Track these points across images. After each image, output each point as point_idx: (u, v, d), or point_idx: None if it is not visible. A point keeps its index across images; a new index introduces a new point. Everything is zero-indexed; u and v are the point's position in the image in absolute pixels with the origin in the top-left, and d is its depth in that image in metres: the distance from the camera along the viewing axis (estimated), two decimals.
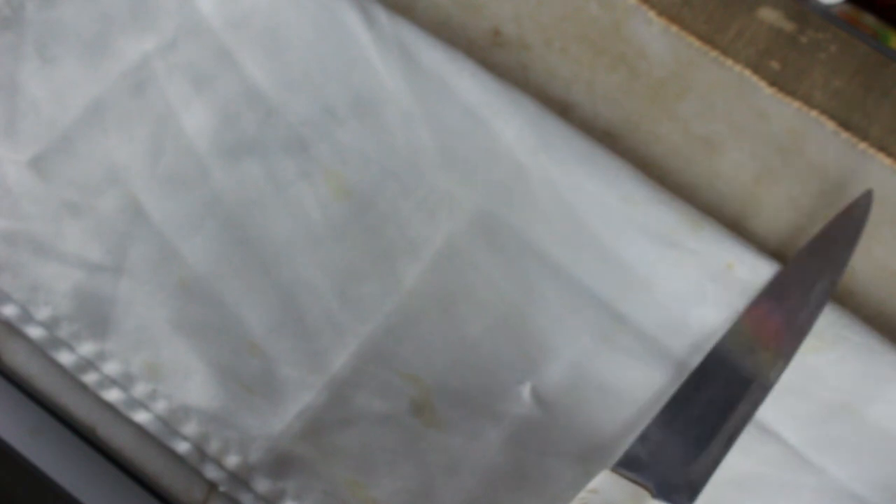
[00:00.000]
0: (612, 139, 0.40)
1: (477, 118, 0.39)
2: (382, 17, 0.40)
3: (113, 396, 0.37)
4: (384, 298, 0.38)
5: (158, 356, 0.37)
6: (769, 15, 0.41)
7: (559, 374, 0.37)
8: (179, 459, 0.37)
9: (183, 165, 0.39)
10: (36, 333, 0.38)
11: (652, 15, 0.41)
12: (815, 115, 0.40)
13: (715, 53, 0.41)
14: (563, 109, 0.40)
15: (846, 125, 0.40)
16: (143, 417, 0.37)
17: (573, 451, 0.36)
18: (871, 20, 0.43)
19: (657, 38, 0.41)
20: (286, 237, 0.38)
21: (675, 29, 0.41)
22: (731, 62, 0.40)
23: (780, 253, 0.38)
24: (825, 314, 0.36)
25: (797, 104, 0.40)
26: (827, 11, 0.41)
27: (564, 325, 0.37)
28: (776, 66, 0.40)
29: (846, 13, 0.42)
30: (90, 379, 0.37)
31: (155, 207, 0.39)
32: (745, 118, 0.39)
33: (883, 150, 0.39)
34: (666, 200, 0.38)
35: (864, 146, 0.39)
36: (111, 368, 0.37)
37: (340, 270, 0.38)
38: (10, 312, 0.38)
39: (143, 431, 0.37)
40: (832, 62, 0.40)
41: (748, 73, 0.40)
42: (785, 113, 0.39)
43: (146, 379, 0.37)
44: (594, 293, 0.37)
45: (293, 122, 0.39)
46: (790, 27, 0.41)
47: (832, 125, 0.40)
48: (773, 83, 0.40)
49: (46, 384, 0.38)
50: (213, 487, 0.37)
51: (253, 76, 0.40)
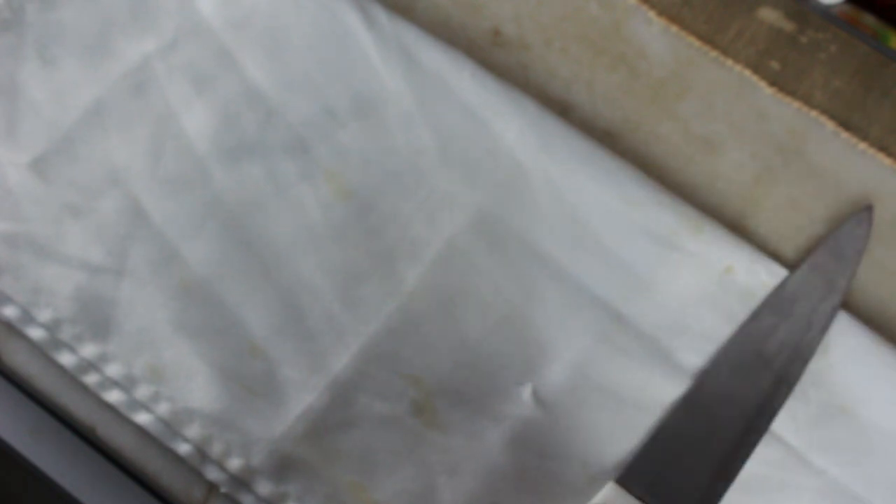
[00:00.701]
0: (612, 139, 0.40)
1: (477, 119, 0.39)
2: (382, 17, 0.40)
3: (114, 398, 0.37)
4: (385, 299, 0.38)
5: (160, 358, 0.37)
6: (769, 15, 0.41)
7: (560, 375, 0.37)
8: (179, 460, 0.37)
9: (183, 166, 0.39)
10: (37, 335, 0.38)
11: (652, 15, 0.41)
12: (815, 115, 0.40)
13: (715, 53, 0.41)
14: (563, 109, 0.40)
15: (846, 125, 0.40)
16: (144, 419, 0.37)
17: (574, 452, 0.36)
18: (871, 20, 0.43)
19: (657, 38, 0.41)
20: (287, 238, 0.38)
21: (675, 29, 0.41)
22: (731, 62, 0.40)
23: (779, 253, 0.38)
24: None
25: (797, 104, 0.40)
26: (827, 11, 0.41)
27: (565, 326, 0.37)
28: (776, 66, 0.40)
29: (846, 13, 0.42)
30: (92, 380, 0.37)
31: (156, 209, 0.39)
32: (745, 118, 0.39)
33: (883, 150, 0.39)
34: (666, 201, 0.38)
35: (864, 146, 0.39)
36: (113, 370, 0.37)
37: (341, 271, 0.38)
38: (11, 314, 0.38)
39: (143, 431, 0.37)
40: (832, 62, 0.40)
41: (748, 73, 0.40)
42: (785, 113, 0.39)
43: (148, 381, 0.37)
44: (595, 294, 0.37)
45: (293, 122, 0.39)
46: (790, 27, 0.41)
47: (832, 125, 0.40)
48: (773, 83, 0.40)
49: (47, 384, 0.38)
50: (212, 487, 0.37)
51: (253, 77, 0.40)
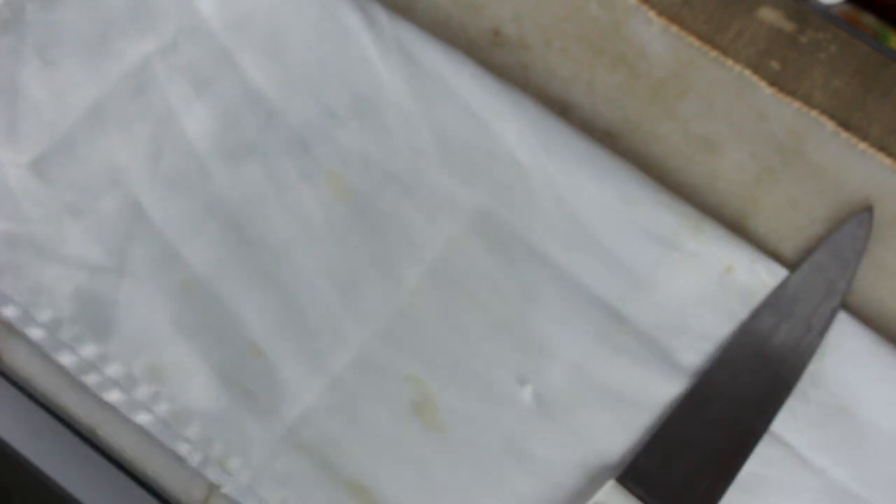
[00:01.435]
0: (612, 139, 0.40)
1: (477, 119, 0.39)
2: (383, 18, 0.40)
3: (114, 398, 0.37)
4: (385, 300, 0.38)
5: (160, 358, 0.37)
6: (769, 15, 0.41)
7: (560, 375, 0.37)
8: (179, 460, 0.37)
9: (184, 167, 0.39)
10: (37, 335, 0.38)
11: (652, 15, 0.41)
12: (815, 115, 0.40)
13: (715, 53, 0.41)
14: (563, 109, 0.40)
15: (846, 125, 0.40)
16: (144, 419, 0.37)
17: (574, 451, 0.36)
18: (871, 20, 0.43)
19: (657, 38, 0.41)
20: (287, 239, 0.38)
21: (675, 29, 0.41)
22: (731, 62, 0.40)
23: (779, 253, 0.38)
24: None
25: (797, 104, 0.40)
26: (827, 11, 0.41)
27: (565, 326, 0.37)
28: (776, 66, 0.40)
29: (846, 13, 0.42)
30: (92, 380, 0.37)
31: (156, 209, 0.39)
32: (745, 118, 0.39)
33: (883, 150, 0.39)
34: (666, 201, 0.38)
35: (864, 146, 0.39)
36: (113, 370, 0.37)
37: (341, 272, 0.38)
38: (11, 314, 0.38)
39: (143, 431, 0.37)
40: (832, 62, 0.40)
41: (748, 73, 0.40)
42: (785, 113, 0.39)
43: (148, 381, 0.37)
44: (595, 294, 0.37)
45: (294, 123, 0.39)
46: (790, 27, 0.41)
47: (832, 125, 0.40)
48: (773, 83, 0.40)
49: (47, 384, 0.38)
50: (213, 487, 0.37)
51: (253, 77, 0.40)
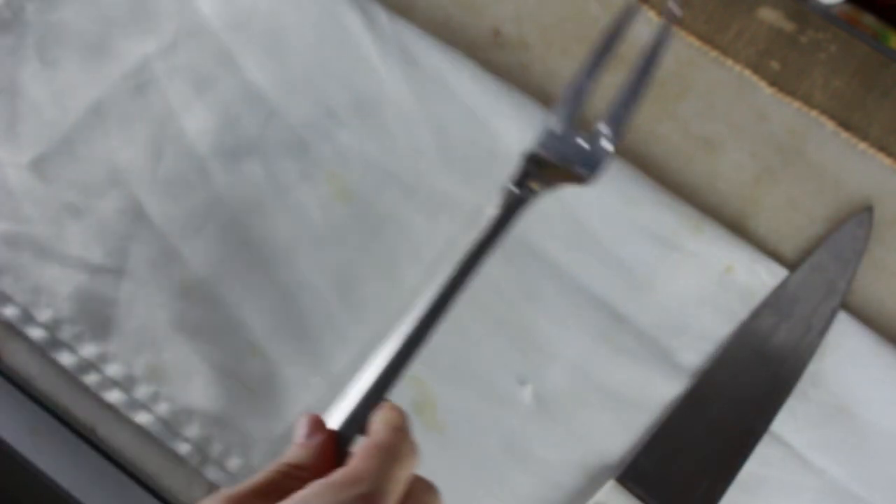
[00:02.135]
0: None
1: (477, 119, 0.39)
2: (383, 18, 0.40)
3: (114, 398, 0.37)
4: (385, 300, 0.38)
5: (160, 358, 0.37)
6: (769, 15, 0.41)
7: (560, 375, 0.37)
8: (179, 459, 0.37)
9: (184, 167, 0.39)
10: (37, 335, 0.38)
11: (652, 15, 0.41)
12: (815, 115, 0.40)
13: (715, 53, 0.41)
14: None
15: (846, 125, 0.40)
16: (144, 419, 0.37)
17: (574, 451, 0.36)
18: (871, 20, 0.43)
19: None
20: (287, 238, 0.38)
21: (674, 29, 0.41)
22: (731, 62, 0.40)
23: (779, 253, 0.38)
24: None
25: (797, 104, 0.40)
26: (827, 11, 0.41)
27: (565, 325, 0.37)
28: (776, 66, 0.40)
29: (846, 13, 0.42)
30: (92, 380, 0.37)
31: (156, 209, 0.39)
32: (745, 118, 0.39)
33: (883, 150, 0.39)
34: (666, 202, 0.38)
35: (864, 146, 0.39)
36: (113, 370, 0.37)
37: (341, 272, 0.38)
38: (11, 314, 0.38)
39: (143, 431, 0.37)
40: (832, 62, 0.40)
41: (748, 73, 0.40)
42: (785, 113, 0.39)
43: (148, 381, 0.37)
44: (595, 294, 0.37)
45: (294, 123, 0.39)
46: (790, 27, 0.41)
47: (832, 125, 0.40)
48: (773, 83, 0.40)
49: (47, 384, 0.38)
50: (213, 487, 0.37)
51: (253, 77, 0.40)
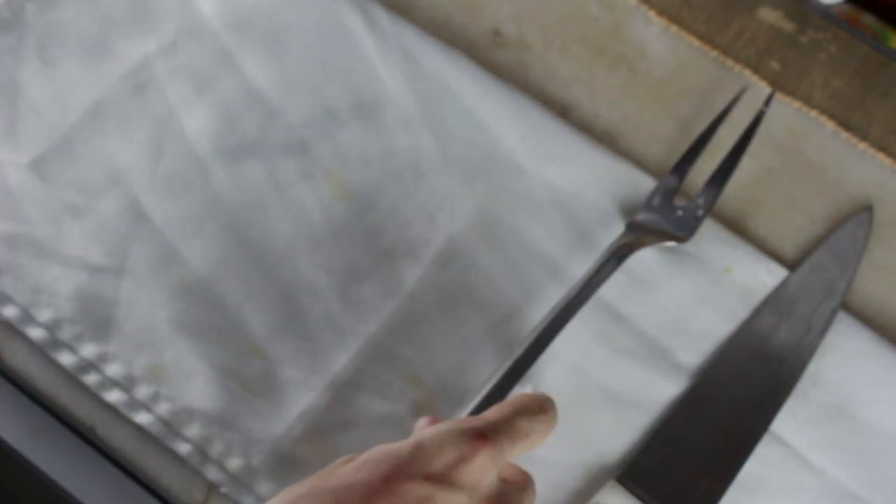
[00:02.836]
0: (612, 139, 0.40)
1: (477, 120, 0.39)
2: (383, 19, 0.40)
3: (114, 398, 0.37)
4: (385, 299, 0.38)
5: (160, 358, 0.37)
6: (769, 15, 0.41)
7: (560, 375, 0.37)
8: (179, 460, 0.37)
9: (184, 167, 0.39)
10: (37, 335, 0.38)
11: (652, 15, 0.41)
12: (815, 115, 0.40)
13: (715, 53, 0.41)
14: (563, 109, 0.40)
15: (846, 125, 0.40)
16: (144, 419, 0.37)
17: (574, 451, 0.36)
18: (871, 20, 0.43)
19: (657, 38, 0.41)
20: (287, 238, 0.38)
21: (675, 29, 0.41)
22: (731, 62, 0.40)
23: (779, 253, 0.38)
24: None
25: (797, 104, 0.40)
26: (827, 11, 0.41)
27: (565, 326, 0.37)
28: (776, 66, 0.40)
29: (846, 13, 0.42)
30: (92, 380, 0.37)
31: (156, 209, 0.39)
32: (745, 118, 0.39)
33: (883, 150, 0.39)
34: None
35: (864, 146, 0.39)
36: (113, 370, 0.37)
37: (341, 272, 0.38)
38: (11, 314, 0.38)
39: (143, 431, 0.37)
40: (832, 62, 0.40)
41: (748, 73, 0.40)
42: (785, 113, 0.39)
43: (148, 381, 0.37)
44: (595, 294, 0.37)
45: (294, 123, 0.39)
46: (790, 27, 0.41)
47: (832, 125, 0.40)
48: (773, 83, 0.40)
49: (47, 384, 0.38)
50: (212, 487, 0.37)
51: (254, 77, 0.40)
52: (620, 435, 0.36)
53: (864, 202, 0.39)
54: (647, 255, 0.37)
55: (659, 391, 0.37)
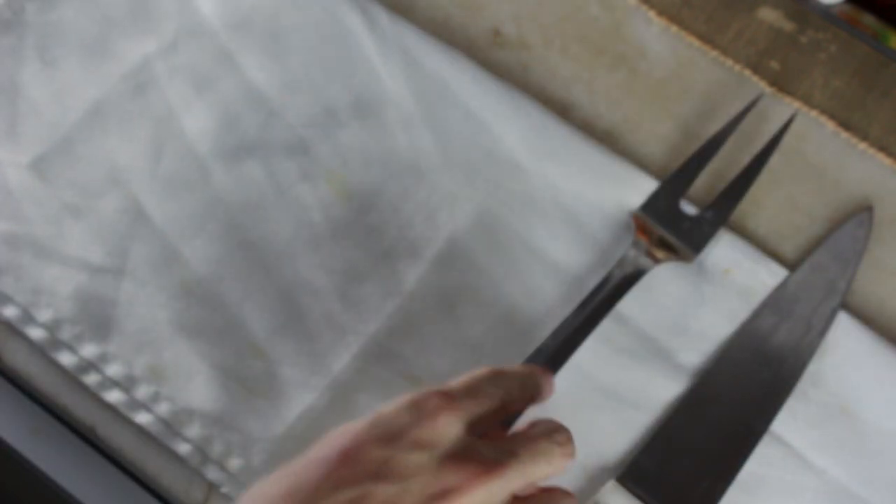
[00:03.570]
0: (612, 139, 0.40)
1: (477, 120, 0.39)
2: (384, 19, 0.40)
3: (114, 398, 0.37)
4: (385, 299, 0.38)
5: (161, 358, 0.37)
6: (769, 15, 0.41)
7: (561, 375, 0.36)
8: (179, 460, 0.37)
9: (184, 167, 0.39)
10: (37, 335, 0.38)
11: (652, 15, 0.41)
12: (815, 115, 0.40)
13: (715, 53, 0.41)
14: (563, 109, 0.40)
15: (846, 125, 0.40)
16: (145, 419, 0.37)
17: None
18: (871, 20, 0.43)
19: (657, 38, 0.41)
20: (287, 238, 0.38)
21: (675, 29, 0.41)
22: (731, 62, 0.40)
23: (779, 253, 0.38)
24: None
25: (797, 104, 0.40)
26: (827, 11, 0.41)
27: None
28: (776, 66, 0.40)
29: (846, 13, 0.42)
30: (92, 380, 0.37)
31: (156, 209, 0.39)
32: (745, 118, 0.39)
33: (883, 150, 0.39)
34: None
35: (864, 146, 0.39)
36: (113, 370, 0.37)
37: (342, 272, 0.38)
38: (11, 314, 0.38)
39: (143, 431, 0.37)
40: (832, 62, 0.40)
41: (748, 73, 0.40)
42: (785, 113, 0.40)
43: (148, 381, 0.37)
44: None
45: (294, 123, 0.39)
46: (790, 27, 0.41)
47: (832, 125, 0.40)
48: (773, 83, 0.40)
49: (47, 384, 0.38)
50: (213, 487, 0.37)
51: (254, 77, 0.40)
52: (620, 435, 0.36)
53: (864, 202, 0.39)
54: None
55: (659, 391, 0.37)
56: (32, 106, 0.40)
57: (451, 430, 0.28)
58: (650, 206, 0.37)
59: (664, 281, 0.37)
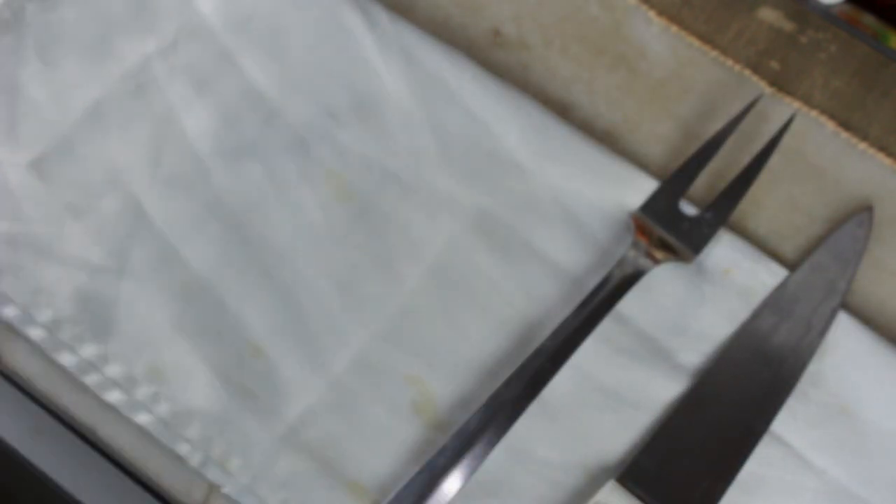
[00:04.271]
0: (612, 139, 0.40)
1: (478, 120, 0.39)
2: (383, 18, 0.40)
3: (115, 398, 0.37)
4: (385, 300, 0.38)
5: (161, 358, 0.37)
6: (769, 15, 0.41)
7: (560, 375, 0.37)
8: (179, 460, 0.37)
9: (184, 167, 0.39)
10: (37, 335, 0.38)
11: (652, 15, 0.41)
12: (815, 115, 0.40)
13: (715, 53, 0.41)
14: (563, 109, 0.40)
15: (846, 125, 0.40)
16: (145, 419, 0.37)
17: (574, 451, 0.36)
18: (871, 20, 0.43)
19: (657, 38, 0.41)
20: (287, 239, 0.38)
21: (675, 29, 0.41)
22: (731, 62, 0.40)
23: (779, 253, 0.38)
24: None
25: (797, 104, 0.40)
26: (827, 11, 0.41)
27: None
28: (776, 66, 0.40)
29: (846, 13, 0.42)
30: (92, 380, 0.37)
31: (156, 209, 0.39)
32: (745, 118, 0.39)
33: (883, 150, 0.39)
34: None
35: (864, 146, 0.39)
36: (113, 370, 0.37)
37: (342, 272, 0.38)
38: (11, 314, 0.38)
39: (143, 431, 0.37)
40: (832, 62, 0.40)
41: (748, 73, 0.40)
42: (785, 113, 0.40)
43: (148, 381, 0.37)
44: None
45: (294, 123, 0.39)
46: (790, 27, 0.41)
47: (832, 125, 0.40)
48: (773, 83, 0.40)
49: (47, 384, 0.38)
50: (213, 488, 0.37)
51: (254, 77, 0.40)
52: (620, 435, 0.36)
53: (864, 202, 0.39)
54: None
55: (659, 391, 0.37)
56: (32, 106, 0.40)
57: None
58: (650, 206, 0.37)
59: (664, 281, 0.37)
